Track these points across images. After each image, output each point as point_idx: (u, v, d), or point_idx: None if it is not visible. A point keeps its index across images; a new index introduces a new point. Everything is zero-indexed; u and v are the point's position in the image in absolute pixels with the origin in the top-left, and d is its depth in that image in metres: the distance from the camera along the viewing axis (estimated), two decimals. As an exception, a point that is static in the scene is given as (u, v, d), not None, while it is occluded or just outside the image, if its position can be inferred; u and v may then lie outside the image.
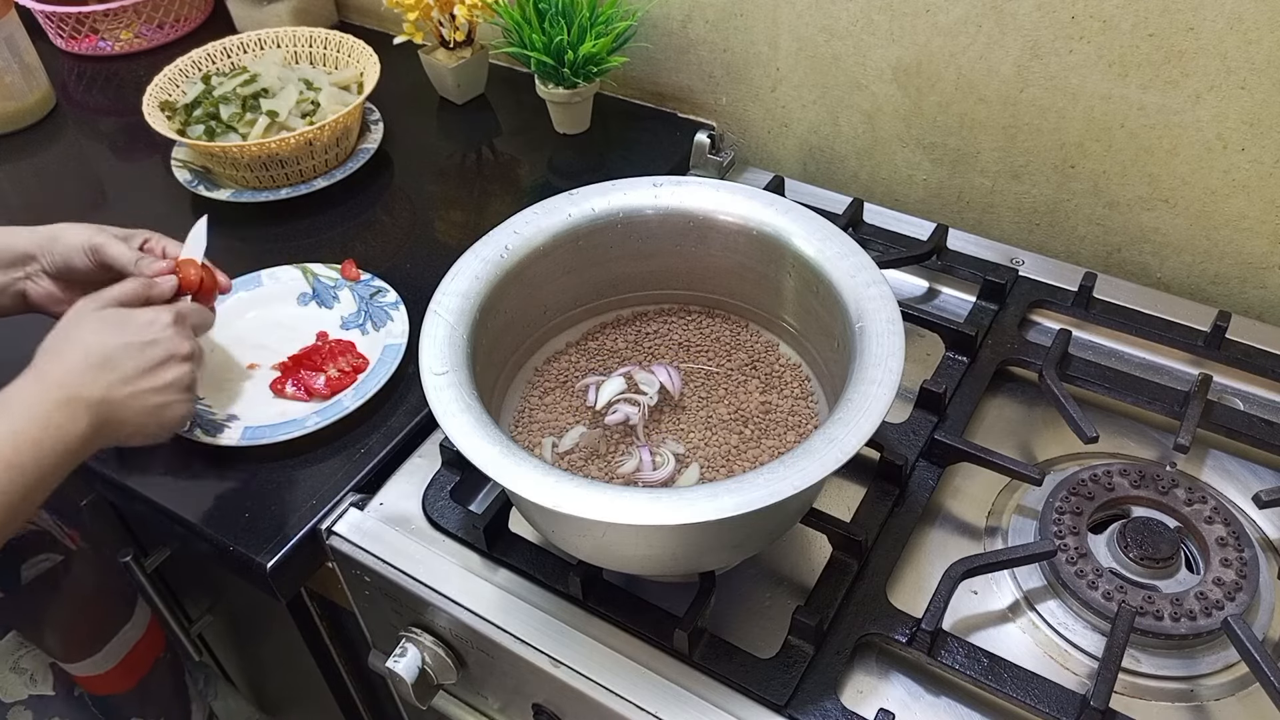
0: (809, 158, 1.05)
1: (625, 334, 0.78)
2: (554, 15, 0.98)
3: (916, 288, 0.93)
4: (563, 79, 1.01)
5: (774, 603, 0.69)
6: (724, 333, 0.77)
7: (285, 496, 0.75)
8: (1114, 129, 0.86)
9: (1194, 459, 0.77)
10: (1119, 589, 0.67)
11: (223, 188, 1.00)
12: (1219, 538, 0.69)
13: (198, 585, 1.02)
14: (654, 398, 0.71)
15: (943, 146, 0.96)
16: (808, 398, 0.72)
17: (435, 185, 1.04)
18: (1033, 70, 0.86)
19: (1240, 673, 0.64)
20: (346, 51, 1.08)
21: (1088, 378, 0.80)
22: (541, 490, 0.55)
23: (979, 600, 0.69)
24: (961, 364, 0.82)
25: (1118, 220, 0.91)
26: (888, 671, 0.66)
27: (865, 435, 0.56)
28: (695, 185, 0.74)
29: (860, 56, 0.94)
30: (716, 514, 0.53)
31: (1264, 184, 0.82)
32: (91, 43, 1.26)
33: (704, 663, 0.65)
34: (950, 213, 0.99)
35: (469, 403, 0.60)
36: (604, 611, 0.68)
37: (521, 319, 0.73)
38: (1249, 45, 0.77)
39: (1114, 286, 0.88)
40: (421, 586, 0.70)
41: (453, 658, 0.73)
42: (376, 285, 0.88)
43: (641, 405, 0.70)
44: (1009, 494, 0.75)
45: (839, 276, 0.67)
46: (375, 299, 0.87)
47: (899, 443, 0.75)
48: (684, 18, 1.02)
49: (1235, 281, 0.89)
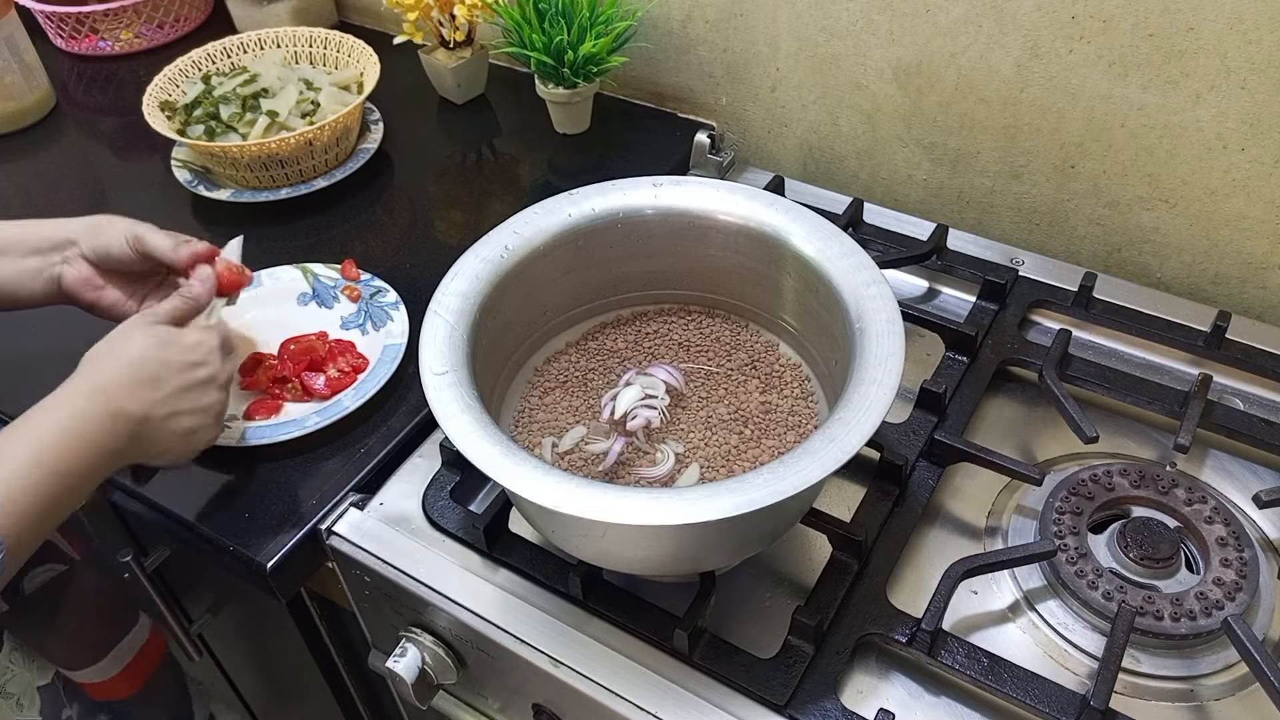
0: (809, 158, 1.05)
1: (625, 334, 0.78)
2: (554, 15, 0.98)
3: (916, 288, 0.93)
4: (563, 79, 1.01)
5: (774, 603, 0.69)
6: (724, 333, 0.77)
7: (285, 496, 0.75)
8: (1114, 129, 0.86)
9: (1194, 459, 0.77)
10: (1119, 589, 0.67)
11: (223, 188, 1.00)
12: (1219, 538, 0.69)
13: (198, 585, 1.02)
14: (665, 398, 0.71)
15: (943, 146, 0.96)
16: (808, 398, 0.72)
17: (435, 185, 1.04)
18: (1033, 70, 0.86)
19: (1240, 673, 0.64)
20: (346, 51, 1.08)
21: (1088, 378, 0.80)
22: (541, 490, 0.55)
23: (979, 600, 0.69)
24: (961, 364, 0.82)
25: (1118, 220, 0.91)
26: (888, 671, 0.66)
27: (865, 435, 0.56)
28: (695, 185, 0.74)
29: (860, 56, 0.94)
30: (716, 514, 0.53)
31: (1264, 184, 0.82)
32: (91, 43, 1.26)
33: (704, 663, 0.65)
34: (950, 213, 0.99)
35: (469, 403, 0.60)
36: (604, 611, 0.68)
37: (521, 319, 0.73)
38: (1249, 45, 0.77)
39: (1114, 286, 0.88)
40: (421, 586, 0.70)
41: (453, 658, 0.73)
42: (376, 285, 0.88)
43: (659, 407, 0.70)
44: (1009, 494, 0.75)
45: (839, 276, 0.67)
46: (375, 299, 0.87)
47: (899, 443, 0.75)
48: (684, 18, 1.02)
49: (1235, 281, 0.89)
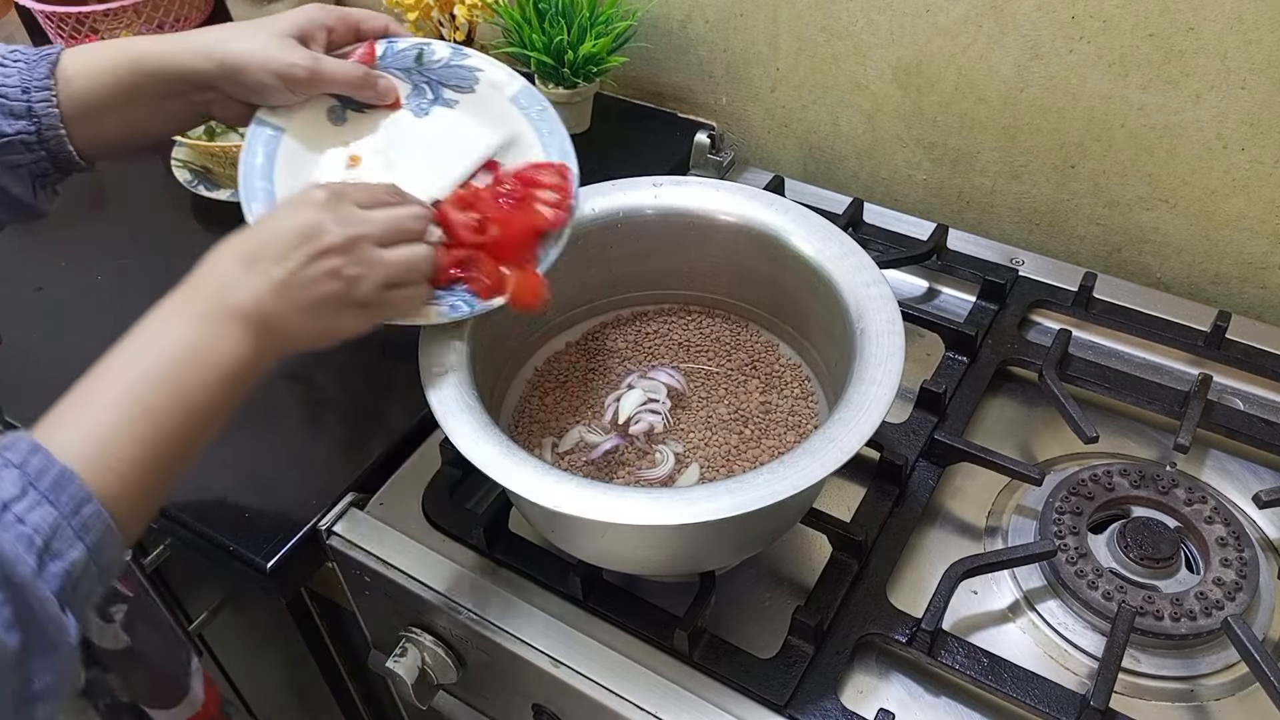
0: (809, 158, 1.05)
1: (625, 334, 0.78)
2: (554, 15, 0.98)
3: (916, 288, 0.92)
4: (563, 79, 1.01)
5: (774, 603, 0.69)
6: (724, 333, 0.77)
7: (285, 496, 0.75)
8: (1114, 129, 0.86)
9: (1194, 459, 0.77)
10: (1119, 589, 0.67)
11: (223, 188, 1.00)
12: (1219, 538, 0.69)
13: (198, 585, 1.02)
14: (667, 402, 0.71)
15: (943, 146, 0.96)
16: (808, 397, 0.72)
17: (435, 185, 1.04)
18: (1033, 70, 0.86)
19: (1240, 673, 0.64)
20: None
21: (1088, 378, 0.80)
22: (541, 490, 0.55)
23: (979, 600, 0.69)
24: (961, 364, 0.82)
25: (1118, 220, 0.91)
26: (888, 671, 0.66)
27: (865, 435, 0.56)
28: (695, 185, 0.74)
29: (860, 56, 0.94)
30: (716, 514, 0.53)
31: (1264, 184, 0.82)
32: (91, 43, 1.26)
33: (704, 663, 0.65)
34: (950, 212, 0.99)
35: (469, 403, 0.60)
36: (604, 612, 0.68)
37: (522, 319, 0.73)
38: (1249, 45, 0.77)
39: (1114, 286, 0.88)
40: (421, 586, 0.70)
41: (453, 658, 0.72)
42: (405, 44, 0.69)
43: (662, 412, 0.70)
44: (1009, 494, 0.75)
45: (839, 276, 0.67)
46: (428, 62, 0.69)
47: (899, 443, 0.75)
48: (684, 17, 1.02)
49: (1235, 281, 0.89)
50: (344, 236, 0.56)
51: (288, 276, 0.54)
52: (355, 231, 0.56)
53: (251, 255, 0.54)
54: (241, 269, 0.54)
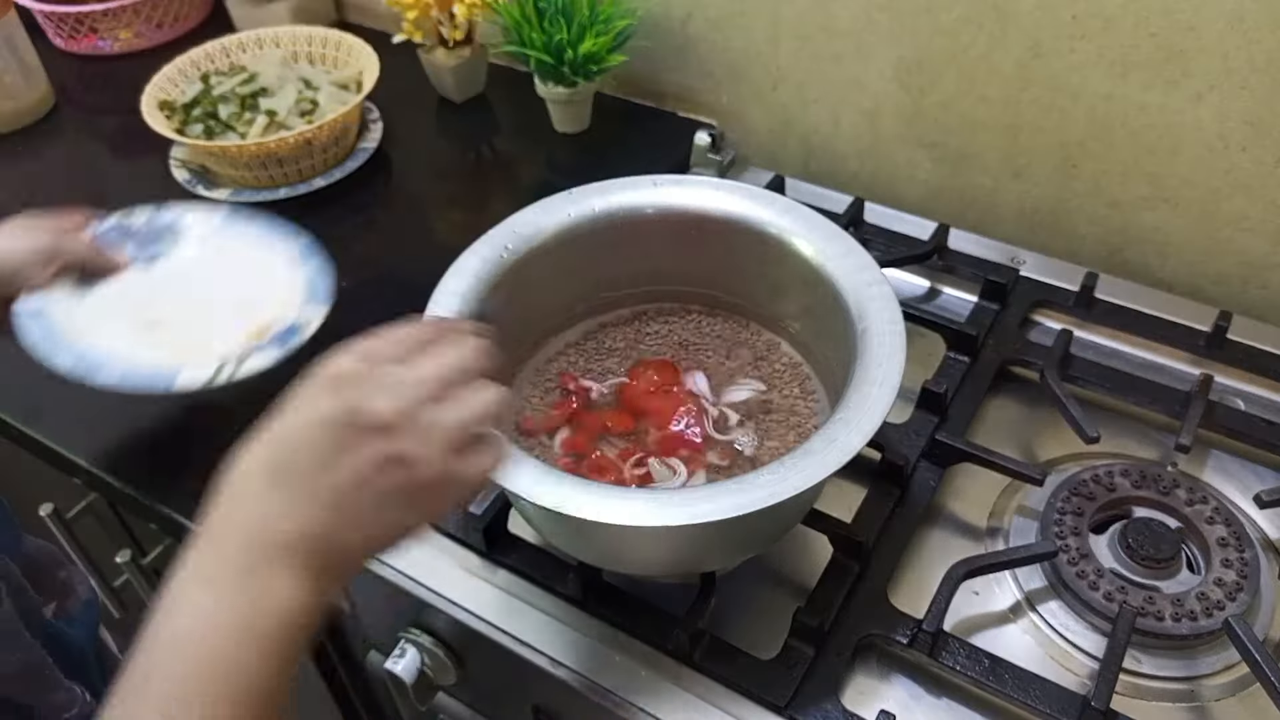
0: (810, 157, 1.05)
1: (625, 334, 0.78)
2: (553, 14, 0.98)
3: (917, 287, 0.92)
4: (562, 78, 1.01)
5: (774, 604, 0.69)
6: (724, 332, 0.77)
7: (284, 497, 0.74)
8: (1115, 128, 0.86)
9: (1195, 459, 0.77)
10: (1120, 589, 0.66)
11: (222, 187, 1.00)
12: (1220, 538, 0.69)
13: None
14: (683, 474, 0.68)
15: (944, 146, 0.95)
16: (808, 397, 0.72)
17: (434, 184, 1.04)
18: (1034, 69, 0.86)
19: (1241, 673, 0.64)
20: (346, 50, 1.07)
21: (1089, 378, 0.80)
22: (541, 490, 0.55)
23: (980, 601, 0.69)
24: (963, 364, 0.82)
25: (1119, 220, 0.91)
26: (889, 672, 0.66)
27: (866, 436, 0.56)
28: (695, 184, 0.73)
29: (862, 55, 0.94)
30: (716, 515, 0.53)
31: (1265, 183, 0.82)
32: (91, 42, 1.25)
33: (704, 664, 0.64)
34: (951, 212, 0.99)
35: (468, 403, 0.60)
36: (604, 612, 0.68)
37: (521, 319, 0.73)
38: (1250, 45, 0.76)
39: (1116, 286, 0.88)
40: (421, 587, 0.70)
41: (452, 658, 0.72)
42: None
43: None
44: (1010, 494, 0.75)
45: (840, 276, 0.66)
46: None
47: (900, 443, 0.75)
48: (684, 16, 1.02)
49: (1237, 281, 0.88)
50: (392, 411, 0.44)
51: (335, 484, 0.43)
52: (403, 400, 0.44)
53: (281, 468, 0.44)
54: (273, 489, 0.43)
